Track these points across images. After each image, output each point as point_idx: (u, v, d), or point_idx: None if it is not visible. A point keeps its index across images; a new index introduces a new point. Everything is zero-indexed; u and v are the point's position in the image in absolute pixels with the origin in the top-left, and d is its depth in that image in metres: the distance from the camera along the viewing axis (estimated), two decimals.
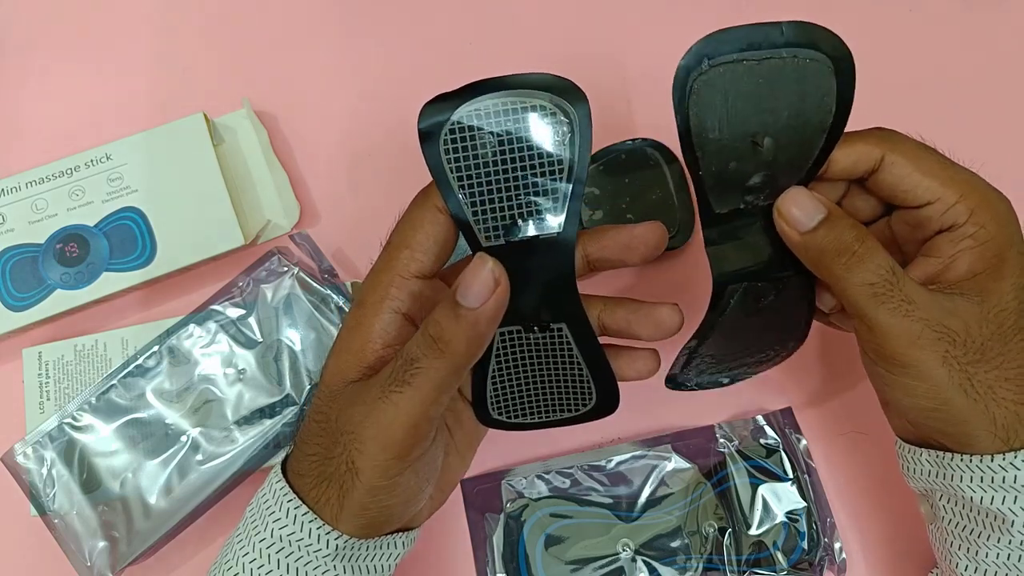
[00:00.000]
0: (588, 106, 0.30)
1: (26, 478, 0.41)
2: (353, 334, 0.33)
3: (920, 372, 0.31)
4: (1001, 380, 0.31)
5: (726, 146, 0.31)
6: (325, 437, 0.32)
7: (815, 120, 0.31)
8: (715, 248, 0.33)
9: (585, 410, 0.36)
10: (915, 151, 0.33)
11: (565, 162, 0.31)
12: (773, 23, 0.30)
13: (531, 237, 0.31)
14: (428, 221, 0.32)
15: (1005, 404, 0.31)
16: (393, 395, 0.30)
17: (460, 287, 0.30)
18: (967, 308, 0.31)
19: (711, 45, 0.30)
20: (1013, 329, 0.31)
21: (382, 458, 0.31)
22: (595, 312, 0.35)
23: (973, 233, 0.32)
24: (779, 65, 0.30)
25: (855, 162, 0.33)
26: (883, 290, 0.31)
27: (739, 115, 0.31)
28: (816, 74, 0.31)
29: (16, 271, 0.46)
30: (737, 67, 0.30)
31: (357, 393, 0.32)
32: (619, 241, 0.33)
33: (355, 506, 0.31)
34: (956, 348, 0.31)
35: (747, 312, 0.34)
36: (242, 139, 0.50)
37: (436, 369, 0.30)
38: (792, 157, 0.32)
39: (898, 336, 0.31)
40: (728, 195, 0.32)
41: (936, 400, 0.31)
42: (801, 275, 0.34)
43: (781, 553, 0.41)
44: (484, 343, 0.31)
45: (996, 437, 0.31)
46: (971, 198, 0.32)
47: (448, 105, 0.31)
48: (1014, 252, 0.32)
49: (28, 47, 0.53)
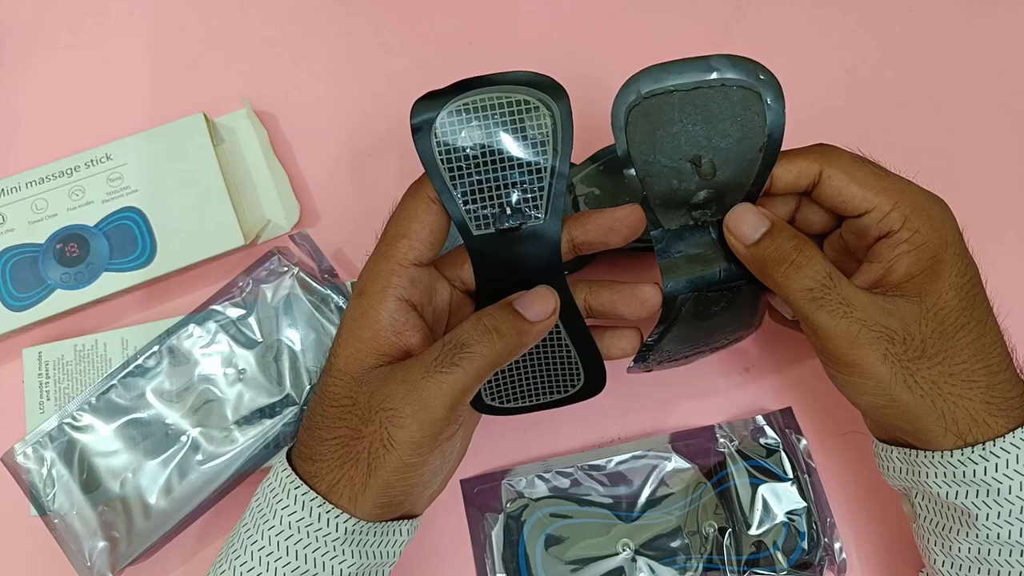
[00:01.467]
0: (569, 102, 0.33)
1: (26, 478, 0.41)
2: (362, 323, 0.34)
3: (863, 370, 0.33)
4: (945, 376, 0.33)
5: (666, 167, 0.34)
6: (351, 419, 0.33)
7: (750, 141, 0.34)
8: (667, 261, 0.36)
9: (574, 391, 0.37)
10: (850, 164, 0.35)
11: (548, 154, 0.33)
12: (702, 57, 0.34)
13: (518, 226, 0.34)
14: (423, 211, 0.34)
15: (952, 399, 0.33)
16: (439, 375, 0.32)
17: (522, 301, 0.33)
18: (906, 308, 0.33)
19: (644, 79, 0.33)
20: (955, 327, 0.33)
21: (420, 435, 0.32)
22: (581, 295, 0.37)
23: (908, 238, 0.34)
24: (709, 93, 0.34)
25: (796, 177, 0.35)
26: (821, 294, 0.33)
27: (675, 139, 0.34)
28: (744, 100, 0.34)
29: (16, 271, 0.46)
30: (669, 98, 0.34)
31: (392, 374, 0.33)
32: (602, 224, 0.35)
33: (381, 484, 0.32)
34: (895, 346, 0.33)
35: (699, 317, 0.37)
36: (242, 139, 0.50)
37: (485, 356, 0.32)
38: (733, 175, 0.35)
39: (839, 336, 0.33)
40: (675, 212, 0.35)
41: (883, 397, 0.33)
42: (752, 284, 0.36)
43: (781, 553, 0.41)
44: (522, 351, 0.34)
45: (949, 432, 0.33)
46: (904, 205, 0.34)
47: (438, 101, 0.33)
48: (950, 253, 0.34)
49: (28, 47, 0.53)
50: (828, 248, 0.39)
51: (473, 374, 0.32)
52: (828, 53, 0.52)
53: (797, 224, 0.38)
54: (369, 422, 0.33)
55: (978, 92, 0.51)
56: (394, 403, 0.32)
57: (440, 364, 0.32)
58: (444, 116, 0.32)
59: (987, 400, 0.33)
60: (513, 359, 0.34)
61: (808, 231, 0.38)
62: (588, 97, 0.38)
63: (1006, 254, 0.46)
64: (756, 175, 0.35)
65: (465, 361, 0.32)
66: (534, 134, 0.33)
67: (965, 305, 0.33)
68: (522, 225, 0.34)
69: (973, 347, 0.33)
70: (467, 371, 0.32)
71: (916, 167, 0.38)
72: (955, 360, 0.33)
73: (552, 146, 0.33)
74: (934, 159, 0.35)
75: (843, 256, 0.38)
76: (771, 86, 0.34)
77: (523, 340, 0.33)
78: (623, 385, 0.38)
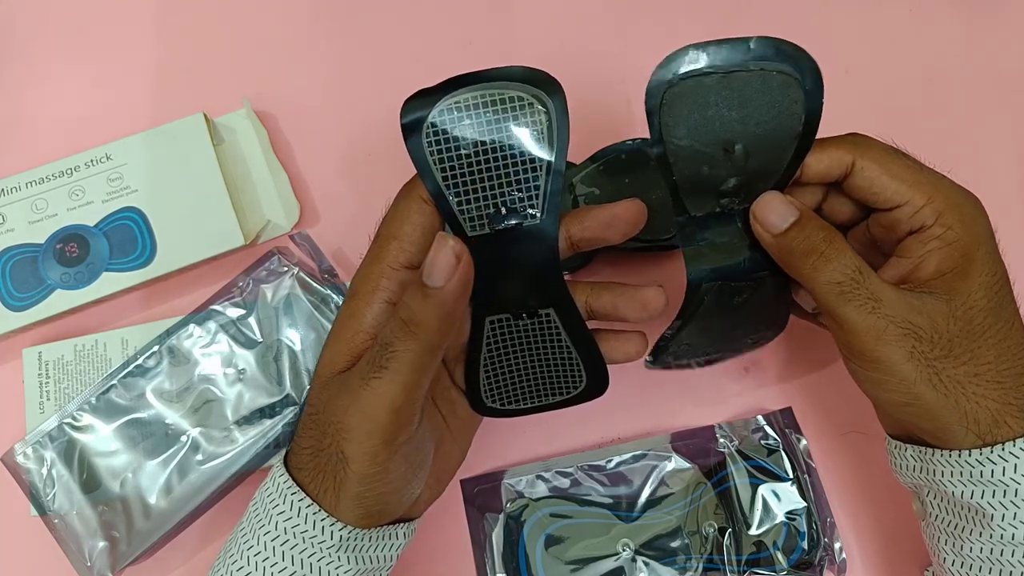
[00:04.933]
0: (564, 96, 0.32)
1: (26, 478, 0.41)
2: (345, 324, 0.34)
3: (888, 367, 0.32)
4: (971, 376, 0.32)
5: (698, 152, 0.33)
6: (316, 429, 0.33)
7: (785, 128, 0.33)
8: (691, 248, 0.34)
9: (576, 392, 0.37)
10: (884, 156, 0.34)
11: (544, 151, 0.32)
12: (742, 38, 0.32)
13: (514, 225, 0.33)
14: (415, 212, 0.33)
15: (976, 399, 0.32)
16: (372, 381, 0.31)
17: (425, 268, 0.30)
18: (935, 306, 0.32)
19: (681, 58, 0.32)
20: (983, 327, 0.32)
21: (368, 445, 0.31)
22: (582, 297, 0.36)
23: (940, 234, 0.33)
24: (747, 77, 0.32)
25: (828, 167, 0.34)
26: (849, 288, 0.32)
27: (709, 124, 0.33)
28: (783, 85, 0.32)
29: (16, 271, 0.46)
30: (706, 79, 0.32)
31: (342, 382, 0.32)
32: (600, 220, 0.34)
33: (350, 495, 0.32)
34: (922, 344, 0.32)
35: (721, 308, 0.36)
36: (242, 139, 0.50)
37: (411, 351, 0.31)
38: (765, 163, 0.33)
39: (865, 332, 0.32)
40: (703, 198, 0.34)
41: (907, 395, 0.32)
42: (777, 275, 0.35)
43: (781, 553, 0.41)
44: (454, 321, 0.32)
45: (970, 431, 0.32)
46: (938, 201, 0.33)
47: (429, 100, 0.32)
48: (982, 252, 0.33)
49: (29, 47, 0.53)
50: (852, 240, 0.38)
51: (405, 373, 0.31)
52: (828, 53, 0.52)
53: (824, 215, 0.37)
54: (326, 435, 0.32)
55: (978, 92, 0.51)
56: (339, 415, 0.31)
57: (372, 369, 0.31)
58: (435, 115, 0.32)
59: (1009, 401, 0.32)
60: (449, 336, 0.32)
61: (833, 222, 0.37)
62: (588, 97, 0.38)
63: (1009, 253, 0.46)
64: (788, 164, 0.34)
65: (392, 362, 0.31)
66: (529, 131, 0.32)
67: (994, 305, 0.32)
68: (518, 225, 0.33)
69: (999, 348, 0.32)
70: (398, 372, 0.31)
71: None
72: (981, 360, 0.32)
73: (547, 143, 0.32)
74: (934, 159, 0.35)
75: (868, 249, 0.37)
76: (812, 72, 0.32)
77: (445, 310, 0.30)
78: (623, 385, 0.38)
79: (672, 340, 0.37)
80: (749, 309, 0.37)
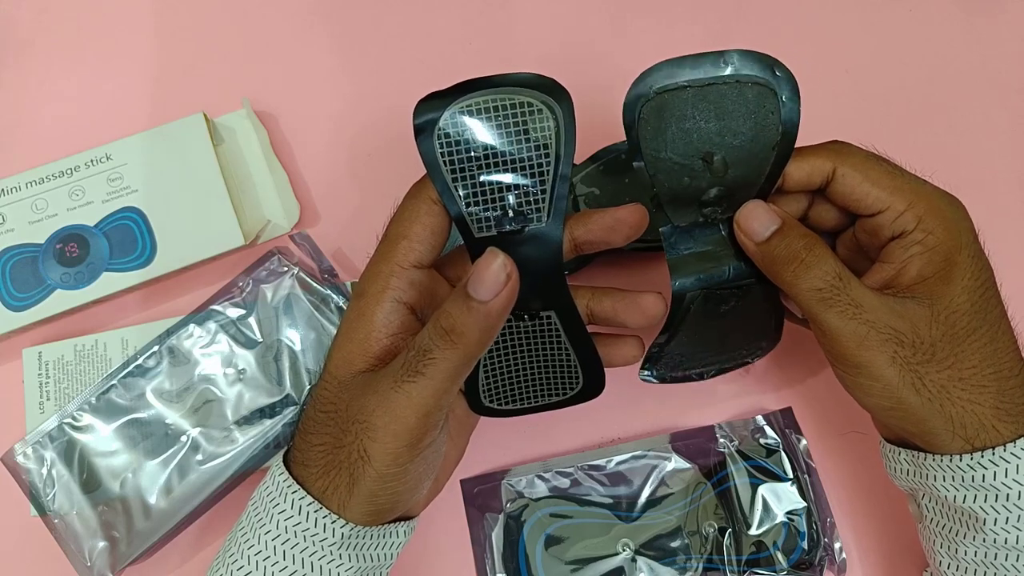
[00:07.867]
0: (571, 103, 0.32)
1: (26, 478, 0.41)
2: (356, 325, 0.34)
3: (871, 372, 0.33)
4: (955, 380, 0.32)
5: (677, 164, 0.34)
6: (334, 426, 0.33)
7: (762, 138, 0.33)
8: (676, 257, 0.35)
9: (573, 393, 0.37)
10: (864, 162, 0.34)
11: (551, 156, 0.33)
12: (717, 52, 0.33)
13: (520, 228, 0.33)
14: (424, 212, 0.33)
15: (961, 404, 0.32)
16: (406, 385, 0.31)
17: (472, 281, 0.31)
18: (916, 311, 0.33)
19: (657, 74, 0.33)
20: (966, 331, 0.32)
21: (394, 446, 0.31)
22: (583, 301, 0.37)
23: (922, 239, 0.33)
24: (723, 90, 0.33)
25: (809, 175, 0.35)
26: (830, 295, 0.32)
27: (687, 136, 0.33)
28: (759, 96, 0.33)
29: (16, 271, 0.46)
30: (682, 93, 0.33)
31: (368, 383, 0.32)
32: (604, 223, 0.35)
33: (365, 493, 0.32)
34: (904, 349, 0.32)
35: (709, 316, 0.36)
36: (242, 139, 0.50)
37: (449, 360, 0.31)
38: (745, 172, 0.34)
39: (847, 337, 0.32)
40: (685, 209, 0.35)
41: (890, 399, 0.33)
42: (763, 283, 0.36)
43: (781, 553, 0.41)
44: (494, 335, 0.32)
45: (957, 436, 0.32)
46: (919, 206, 0.33)
47: (441, 102, 0.32)
48: (964, 256, 0.33)
49: (28, 47, 0.53)
50: (841, 246, 0.38)
51: (440, 380, 0.31)
52: (828, 53, 0.52)
53: (810, 221, 0.38)
54: (347, 432, 0.32)
55: (978, 92, 0.51)
56: (366, 415, 0.32)
57: (406, 373, 0.31)
58: (447, 117, 0.32)
59: (996, 406, 0.32)
60: (487, 348, 0.32)
61: (821, 229, 0.37)
62: (588, 97, 0.38)
63: (1007, 254, 0.46)
64: (768, 173, 0.34)
65: (429, 368, 0.31)
66: (537, 136, 0.32)
67: (977, 309, 0.33)
68: (524, 228, 0.33)
69: (984, 351, 0.32)
70: (433, 378, 0.31)
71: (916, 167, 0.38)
72: (965, 364, 0.32)
73: (555, 149, 0.32)
74: (934, 159, 0.35)
75: (856, 254, 0.37)
76: (787, 83, 0.33)
77: (488, 324, 0.31)
78: (623, 385, 0.38)
79: (663, 349, 0.37)
80: (737, 317, 0.37)
